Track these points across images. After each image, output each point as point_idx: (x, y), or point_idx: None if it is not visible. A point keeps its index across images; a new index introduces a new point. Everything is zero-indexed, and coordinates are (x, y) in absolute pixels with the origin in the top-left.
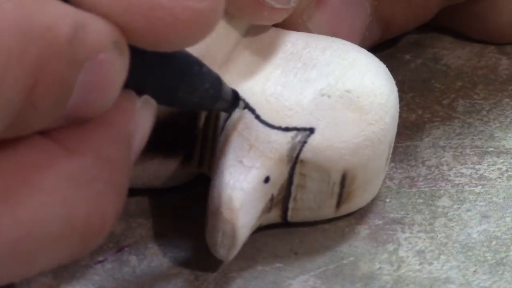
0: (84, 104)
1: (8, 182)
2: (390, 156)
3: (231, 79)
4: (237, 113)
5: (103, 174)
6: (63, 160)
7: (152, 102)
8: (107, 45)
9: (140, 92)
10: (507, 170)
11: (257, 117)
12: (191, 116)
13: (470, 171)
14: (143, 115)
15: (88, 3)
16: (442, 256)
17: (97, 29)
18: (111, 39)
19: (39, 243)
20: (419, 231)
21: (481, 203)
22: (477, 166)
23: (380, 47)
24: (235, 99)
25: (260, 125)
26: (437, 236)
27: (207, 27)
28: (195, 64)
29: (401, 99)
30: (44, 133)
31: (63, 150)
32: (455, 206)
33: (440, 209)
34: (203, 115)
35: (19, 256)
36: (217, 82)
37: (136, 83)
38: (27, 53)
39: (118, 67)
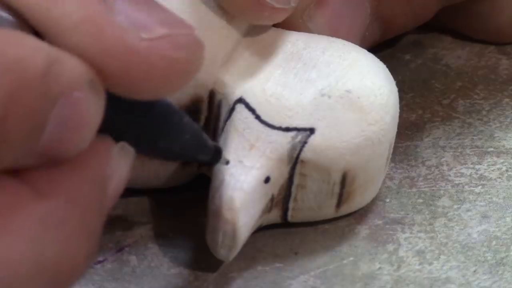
0: (57, 142)
1: None
2: (390, 156)
3: (231, 80)
4: (235, 109)
5: (73, 217)
6: (33, 203)
7: (130, 150)
8: (82, 83)
9: (118, 139)
10: (507, 170)
11: (258, 117)
12: (191, 116)
13: (470, 171)
14: (119, 162)
15: (63, 42)
16: (442, 256)
17: (72, 67)
18: (86, 78)
19: (8, 285)
20: (419, 231)
21: (481, 203)
22: (477, 166)
23: (380, 47)
24: (217, 152)
25: (261, 125)
26: (437, 236)
27: (183, 77)
28: (175, 114)
29: (401, 99)
30: (15, 174)
31: (33, 192)
32: (455, 206)
33: (440, 209)
34: (203, 115)
35: None
36: (198, 133)
37: (114, 129)
38: None
39: (93, 107)
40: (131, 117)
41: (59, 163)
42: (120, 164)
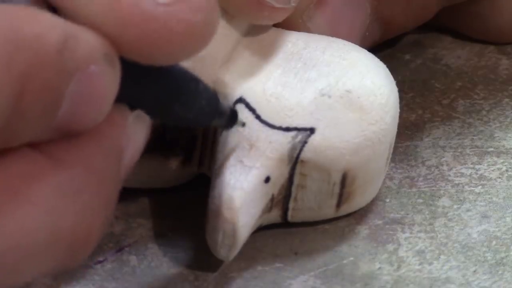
0: (74, 116)
1: None
2: (390, 156)
3: (232, 79)
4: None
5: (90, 186)
6: (50, 171)
7: (146, 118)
8: (98, 57)
9: (133, 107)
10: (507, 170)
11: (258, 117)
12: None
13: (470, 171)
14: (135, 130)
15: (80, 15)
16: (442, 256)
17: (88, 41)
18: (101, 51)
19: (26, 253)
20: (419, 231)
21: (481, 203)
22: (477, 166)
23: (380, 47)
24: (233, 117)
25: (261, 125)
26: (437, 236)
27: (202, 40)
28: (191, 81)
29: (401, 99)
30: (32, 145)
31: (51, 161)
32: (455, 206)
33: (440, 209)
34: None
35: (5, 266)
36: (214, 99)
37: (129, 97)
38: (14, 60)
39: (109, 80)
40: (146, 84)
41: (76, 134)
42: (135, 132)
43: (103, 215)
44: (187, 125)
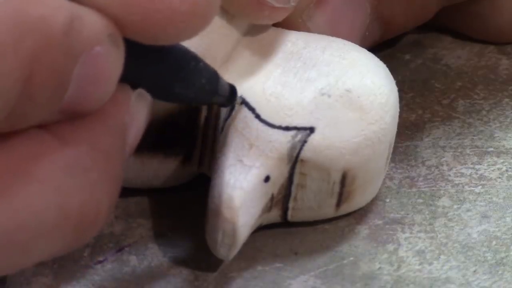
0: (81, 97)
1: (3, 173)
2: (390, 156)
3: (231, 79)
4: (235, 108)
5: (97, 164)
6: (57, 150)
7: (147, 96)
8: (103, 38)
9: (135, 86)
10: (507, 170)
11: (257, 116)
12: (191, 115)
13: (470, 171)
14: (137, 109)
15: None
16: (442, 256)
17: (92, 22)
18: (106, 32)
19: (34, 233)
20: (419, 231)
21: (481, 203)
22: (477, 166)
23: (380, 47)
24: (232, 94)
25: (260, 125)
26: (437, 236)
27: (204, 20)
28: (192, 60)
29: (401, 99)
30: (39, 125)
31: (57, 140)
32: (455, 206)
33: (440, 209)
34: (203, 115)
35: (14, 246)
36: (214, 77)
37: (131, 77)
38: (22, 44)
39: (114, 60)
40: (147, 63)
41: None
42: (138, 111)
43: (110, 193)
44: (188, 103)
